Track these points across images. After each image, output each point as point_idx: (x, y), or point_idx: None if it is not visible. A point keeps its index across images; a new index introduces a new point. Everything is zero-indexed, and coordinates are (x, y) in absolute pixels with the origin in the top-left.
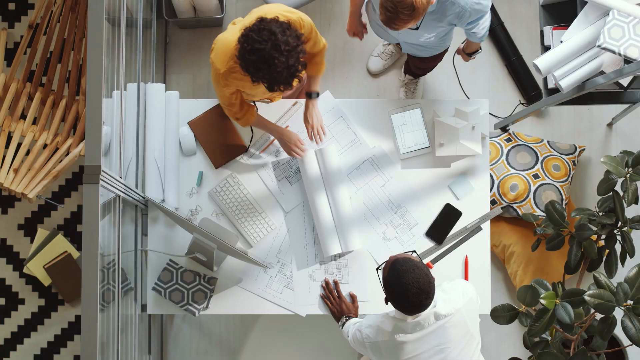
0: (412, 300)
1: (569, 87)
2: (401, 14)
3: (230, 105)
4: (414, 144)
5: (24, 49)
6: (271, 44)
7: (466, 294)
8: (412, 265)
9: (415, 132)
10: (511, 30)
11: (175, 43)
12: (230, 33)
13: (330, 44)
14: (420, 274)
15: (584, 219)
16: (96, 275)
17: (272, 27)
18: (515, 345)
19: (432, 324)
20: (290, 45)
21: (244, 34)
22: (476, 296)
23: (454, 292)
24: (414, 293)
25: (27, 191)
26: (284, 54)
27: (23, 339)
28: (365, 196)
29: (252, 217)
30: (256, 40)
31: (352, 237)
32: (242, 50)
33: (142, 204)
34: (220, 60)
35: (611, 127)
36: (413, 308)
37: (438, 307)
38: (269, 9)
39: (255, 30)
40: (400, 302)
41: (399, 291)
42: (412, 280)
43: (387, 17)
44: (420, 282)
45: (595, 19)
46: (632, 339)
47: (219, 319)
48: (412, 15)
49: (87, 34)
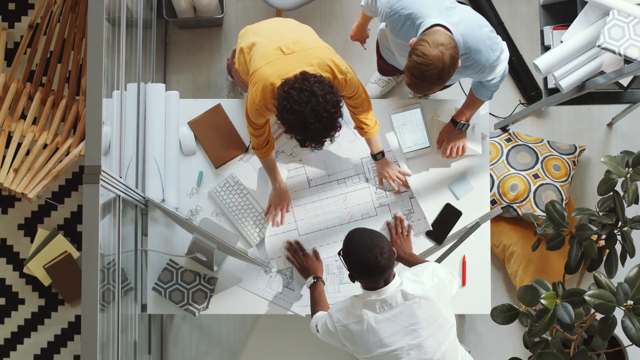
0: (368, 257)
1: (569, 87)
2: (428, 81)
3: (258, 136)
4: (414, 143)
5: (24, 49)
6: (310, 107)
7: (436, 276)
8: (361, 229)
9: (415, 132)
10: (511, 30)
11: (175, 43)
12: (268, 67)
13: (330, 44)
14: (369, 232)
15: (584, 219)
16: (96, 275)
17: (314, 89)
18: (515, 345)
19: (400, 304)
20: (328, 112)
21: (286, 90)
22: (448, 278)
23: (423, 274)
24: (367, 248)
25: (27, 191)
26: (322, 120)
27: (23, 339)
28: (366, 196)
29: (252, 217)
30: (296, 101)
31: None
32: (281, 106)
33: (142, 204)
34: (261, 96)
35: (611, 127)
36: (373, 272)
37: (405, 286)
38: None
39: (297, 89)
40: (359, 266)
41: (354, 254)
42: (363, 239)
43: (413, 83)
44: (373, 238)
45: (595, 19)
46: (632, 339)
47: (219, 319)
48: (438, 82)
49: (87, 34)
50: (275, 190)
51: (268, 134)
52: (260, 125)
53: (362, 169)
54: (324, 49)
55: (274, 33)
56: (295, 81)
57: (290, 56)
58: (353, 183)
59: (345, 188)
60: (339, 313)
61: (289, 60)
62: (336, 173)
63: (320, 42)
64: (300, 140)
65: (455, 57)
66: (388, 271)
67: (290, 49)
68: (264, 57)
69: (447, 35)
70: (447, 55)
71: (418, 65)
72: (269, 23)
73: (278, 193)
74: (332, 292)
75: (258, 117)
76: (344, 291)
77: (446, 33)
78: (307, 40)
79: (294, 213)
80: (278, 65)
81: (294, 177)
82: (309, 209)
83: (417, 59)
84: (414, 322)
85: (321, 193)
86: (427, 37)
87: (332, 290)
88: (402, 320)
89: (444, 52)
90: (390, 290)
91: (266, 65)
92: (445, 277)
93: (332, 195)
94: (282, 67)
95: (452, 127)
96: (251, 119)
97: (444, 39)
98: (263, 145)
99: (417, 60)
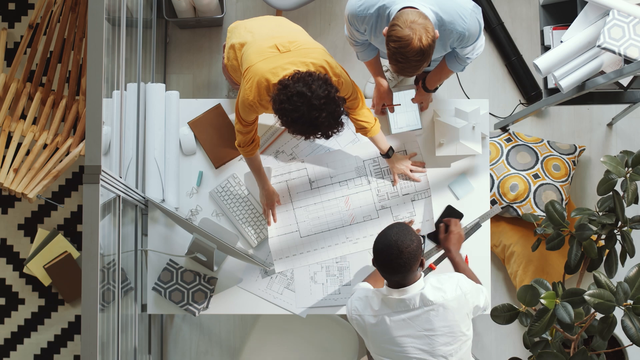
0: (385, 252)
1: (569, 87)
2: (412, 61)
3: (245, 133)
4: (405, 124)
5: (24, 49)
6: (306, 106)
7: (460, 288)
8: (396, 224)
9: (408, 112)
10: (511, 30)
11: (175, 43)
12: (263, 63)
13: (330, 44)
14: (397, 228)
15: (584, 219)
16: (96, 275)
17: (297, 89)
18: (515, 345)
19: (418, 307)
20: (323, 97)
21: (279, 109)
22: (472, 293)
23: (447, 282)
24: (387, 244)
25: (27, 191)
26: (322, 107)
27: (23, 339)
28: (367, 198)
29: (253, 218)
30: (291, 110)
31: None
32: (285, 123)
33: (142, 204)
34: (256, 92)
35: (611, 127)
36: (390, 268)
37: (426, 291)
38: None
39: (285, 100)
40: (378, 259)
41: (376, 247)
42: (389, 234)
43: (399, 67)
44: (399, 235)
45: (595, 19)
46: (632, 339)
47: (219, 319)
48: (423, 58)
49: (87, 34)
50: (263, 191)
51: (255, 132)
52: (250, 122)
53: (364, 171)
54: (319, 50)
55: (269, 30)
56: (280, 95)
57: (286, 54)
58: (355, 185)
59: (347, 190)
60: (359, 302)
61: (285, 58)
62: (338, 175)
63: (315, 44)
64: (322, 135)
65: (429, 29)
66: (404, 274)
67: (286, 47)
68: (259, 53)
69: (415, 12)
70: (421, 30)
71: (398, 50)
72: (262, 20)
73: (265, 194)
74: (332, 293)
75: (250, 113)
76: (344, 292)
77: (414, 10)
78: (303, 40)
79: (296, 214)
80: (274, 62)
81: (296, 179)
82: (310, 210)
83: (394, 44)
84: (429, 329)
85: (323, 195)
86: (397, 21)
87: (333, 291)
88: (417, 325)
89: (417, 28)
90: (411, 292)
91: (261, 61)
92: (469, 291)
93: (334, 197)
94: (277, 64)
95: (423, 91)
96: (241, 115)
97: (413, 16)
98: (248, 144)
99: (394, 46)
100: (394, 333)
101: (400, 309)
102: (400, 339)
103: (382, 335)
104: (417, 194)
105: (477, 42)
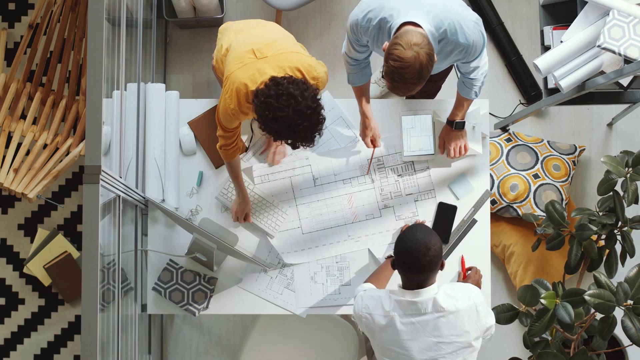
0: (411, 249)
1: (569, 87)
2: (409, 83)
3: (227, 138)
4: (419, 148)
5: (24, 49)
6: (292, 109)
7: (472, 299)
8: (421, 225)
9: (422, 137)
10: (511, 30)
11: (175, 43)
12: (241, 71)
13: (330, 44)
14: (424, 229)
15: (584, 219)
16: (96, 275)
17: (290, 90)
18: (515, 345)
19: (428, 312)
20: (311, 108)
21: (263, 101)
22: (483, 306)
23: (460, 291)
24: (415, 242)
25: (27, 191)
26: (307, 117)
27: (23, 339)
28: (370, 197)
29: (265, 209)
30: (277, 108)
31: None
32: (263, 117)
33: (142, 204)
34: (236, 101)
35: (611, 127)
36: (412, 267)
37: (439, 297)
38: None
39: (274, 96)
40: (401, 257)
41: (401, 244)
42: (415, 233)
43: (394, 86)
44: (426, 235)
45: (595, 19)
46: (632, 339)
47: (219, 319)
48: (419, 82)
49: (87, 34)
50: (238, 198)
51: (237, 137)
52: (232, 129)
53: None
54: (296, 54)
55: (252, 35)
56: (269, 89)
57: (262, 60)
58: (359, 183)
59: (351, 188)
60: (370, 300)
61: (262, 64)
62: (342, 173)
63: (294, 47)
64: (291, 143)
65: (430, 53)
66: (428, 273)
67: (262, 53)
68: (237, 59)
69: (418, 33)
70: (423, 54)
71: (396, 70)
72: (251, 22)
73: (241, 201)
74: (332, 293)
75: (232, 121)
76: (344, 292)
77: (417, 30)
78: (282, 44)
79: (298, 211)
80: (251, 69)
81: (300, 175)
82: (313, 207)
83: (394, 63)
84: (437, 335)
85: (326, 192)
86: (400, 40)
87: (333, 291)
88: (426, 331)
89: (419, 51)
90: (425, 295)
91: (239, 69)
92: (481, 303)
93: (337, 195)
94: (255, 70)
95: (449, 128)
96: (223, 123)
97: (417, 38)
98: (231, 146)
99: (394, 65)
100: (401, 336)
101: (411, 311)
102: (406, 342)
103: (389, 336)
104: (420, 194)
105: (481, 58)
